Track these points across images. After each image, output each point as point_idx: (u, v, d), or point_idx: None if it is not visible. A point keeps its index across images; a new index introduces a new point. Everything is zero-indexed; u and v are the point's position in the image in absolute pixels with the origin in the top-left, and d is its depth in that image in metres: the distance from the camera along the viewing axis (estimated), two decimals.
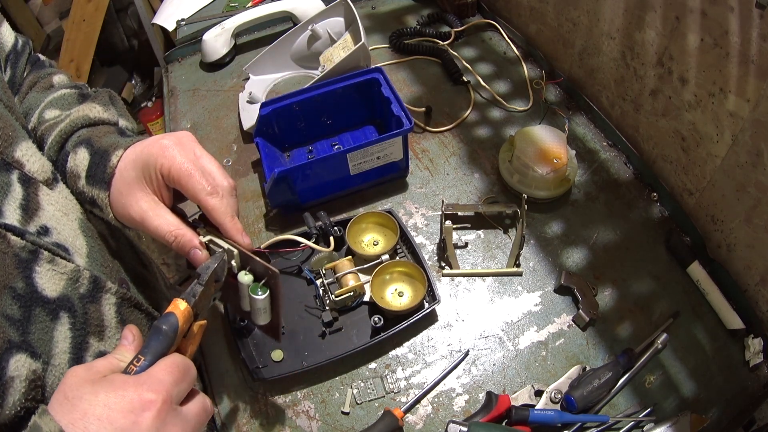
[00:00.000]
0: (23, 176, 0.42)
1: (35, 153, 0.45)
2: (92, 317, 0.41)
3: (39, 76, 0.60)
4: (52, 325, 0.37)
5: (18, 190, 0.41)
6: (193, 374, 0.39)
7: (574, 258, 0.77)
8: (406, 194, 0.86)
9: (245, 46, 1.18)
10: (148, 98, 2.55)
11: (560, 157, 0.79)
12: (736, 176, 0.66)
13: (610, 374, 0.62)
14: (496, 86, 1.02)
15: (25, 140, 0.44)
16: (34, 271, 0.38)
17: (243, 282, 0.49)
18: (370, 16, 1.23)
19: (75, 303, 0.40)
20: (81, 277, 0.42)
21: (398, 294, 0.71)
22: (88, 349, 0.40)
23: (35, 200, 0.42)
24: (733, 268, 0.71)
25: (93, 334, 0.41)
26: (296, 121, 0.89)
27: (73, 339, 0.39)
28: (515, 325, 0.71)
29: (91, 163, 0.49)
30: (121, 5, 2.35)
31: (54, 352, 0.37)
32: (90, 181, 0.49)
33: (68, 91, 0.58)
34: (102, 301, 0.43)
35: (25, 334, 0.35)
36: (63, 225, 0.44)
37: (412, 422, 0.63)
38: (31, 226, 0.40)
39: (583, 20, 0.89)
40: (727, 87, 0.64)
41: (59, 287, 0.39)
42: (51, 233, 0.42)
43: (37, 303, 0.37)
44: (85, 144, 0.51)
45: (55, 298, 0.39)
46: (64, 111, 0.55)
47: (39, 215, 0.42)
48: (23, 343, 0.34)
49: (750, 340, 0.66)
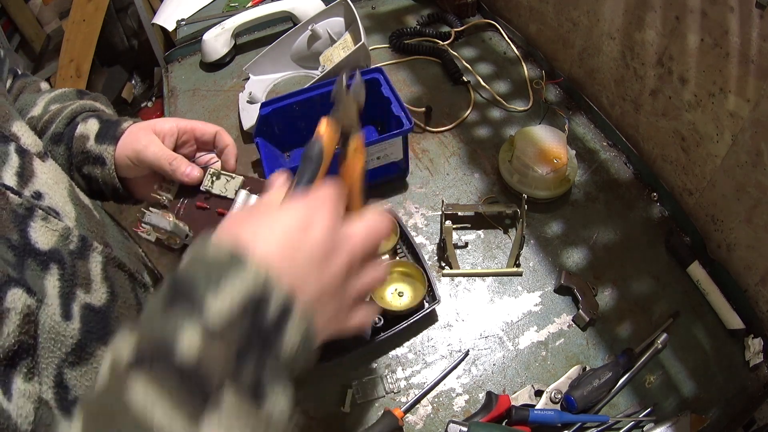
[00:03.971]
0: (19, 148, 0.45)
1: (28, 130, 0.49)
2: (80, 271, 0.44)
3: (26, 82, 0.65)
4: (43, 274, 0.40)
5: (15, 159, 0.44)
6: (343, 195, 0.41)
7: (574, 258, 0.77)
8: (406, 194, 0.86)
9: (245, 46, 1.18)
10: (148, 98, 2.55)
11: (560, 157, 0.79)
12: (736, 176, 0.66)
13: (610, 374, 0.62)
14: (496, 86, 1.02)
15: (18, 120, 0.48)
16: (28, 226, 0.40)
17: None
18: (370, 16, 1.23)
19: (65, 257, 0.43)
20: (71, 234, 0.44)
21: (398, 294, 0.71)
22: (75, 299, 0.42)
23: (30, 168, 0.45)
24: (733, 268, 0.71)
25: (80, 286, 0.43)
26: (296, 121, 0.88)
27: (62, 288, 0.41)
28: (515, 325, 0.71)
29: (102, 127, 0.57)
30: (121, 5, 2.35)
31: (46, 295, 0.39)
32: (99, 139, 0.56)
33: (67, 90, 0.63)
34: (89, 258, 0.46)
35: (22, 272, 0.37)
36: (54, 192, 0.47)
37: (412, 422, 0.63)
38: (26, 190, 0.43)
39: (583, 20, 0.89)
40: (727, 87, 0.64)
41: (51, 242, 0.42)
42: (44, 198, 0.45)
43: (29, 254, 0.39)
44: (95, 116, 0.59)
45: (47, 251, 0.41)
46: (68, 102, 0.61)
47: (33, 182, 0.45)
48: (21, 279, 0.36)
49: (750, 340, 0.66)
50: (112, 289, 0.47)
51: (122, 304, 0.47)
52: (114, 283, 0.47)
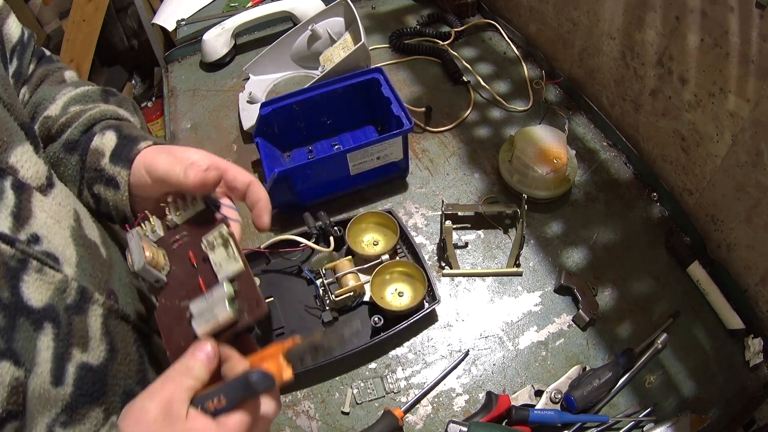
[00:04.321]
0: (16, 182, 0.41)
1: (31, 157, 0.44)
2: (77, 328, 0.41)
3: (49, 69, 0.59)
4: (36, 335, 0.37)
5: (10, 197, 0.40)
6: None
7: (574, 258, 0.77)
8: (406, 194, 0.86)
9: (245, 46, 1.18)
10: (148, 98, 2.55)
11: (560, 157, 0.79)
12: (736, 176, 0.66)
13: (610, 374, 0.62)
14: (496, 86, 1.02)
15: (21, 144, 0.43)
16: (21, 281, 0.37)
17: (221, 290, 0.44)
18: (370, 16, 1.23)
19: (60, 313, 0.39)
20: (68, 287, 0.41)
21: (398, 294, 0.71)
22: (70, 359, 0.39)
23: (27, 208, 0.41)
24: (733, 268, 0.71)
25: (76, 345, 0.40)
26: (296, 121, 0.89)
27: (56, 349, 0.38)
28: (515, 325, 0.71)
29: (118, 144, 0.51)
30: (121, 5, 2.34)
31: (37, 361, 0.37)
32: (114, 159, 0.50)
33: (91, 89, 0.58)
34: (88, 312, 0.42)
35: (10, 341, 0.34)
36: (54, 233, 0.43)
37: (412, 422, 0.63)
38: (21, 234, 0.39)
39: (583, 20, 0.89)
40: (727, 87, 0.64)
41: (45, 297, 0.39)
42: (41, 241, 0.41)
43: (21, 313, 0.36)
44: (114, 129, 0.53)
45: (41, 309, 0.38)
46: (89, 104, 0.55)
47: (30, 223, 0.41)
48: (8, 350, 0.34)
49: (750, 340, 0.66)
50: (111, 345, 0.44)
51: (122, 359, 0.45)
52: (114, 338, 0.45)
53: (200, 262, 0.46)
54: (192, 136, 1.01)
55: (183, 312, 0.44)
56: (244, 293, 0.43)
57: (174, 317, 0.45)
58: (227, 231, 0.46)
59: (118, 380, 0.44)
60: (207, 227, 0.47)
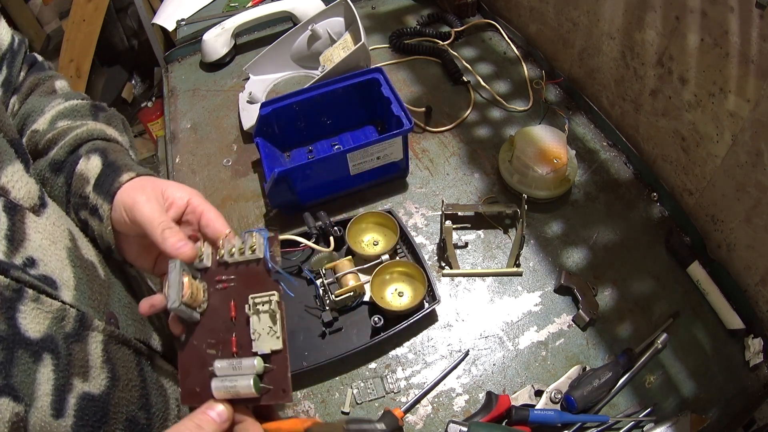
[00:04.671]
0: (8, 204, 0.40)
1: (22, 177, 0.42)
2: (77, 357, 0.40)
3: (40, 78, 0.58)
4: (35, 367, 0.36)
5: (3, 219, 0.38)
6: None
7: (574, 258, 0.77)
8: (406, 194, 0.86)
9: (245, 46, 1.18)
10: (148, 98, 2.55)
11: (560, 157, 0.79)
12: (736, 176, 0.66)
13: (610, 374, 0.62)
14: (496, 86, 1.02)
15: (11, 164, 0.42)
16: (17, 311, 0.36)
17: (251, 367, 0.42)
18: (370, 16, 1.23)
19: (59, 343, 0.38)
20: (67, 315, 0.40)
21: (398, 294, 0.71)
22: (71, 390, 0.38)
23: (21, 230, 0.40)
24: (733, 268, 0.71)
25: (77, 375, 0.39)
26: (296, 121, 0.89)
27: (56, 381, 0.37)
28: (515, 325, 0.71)
29: (102, 172, 0.49)
30: (121, 5, 2.35)
31: (37, 395, 0.36)
32: (97, 189, 0.49)
33: (80, 102, 0.56)
34: (88, 339, 0.41)
35: (8, 377, 0.34)
36: (50, 255, 0.42)
37: (412, 422, 0.63)
38: (17, 257, 0.38)
39: (583, 20, 0.89)
40: (727, 87, 0.64)
41: (43, 327, 0.38)
42: (37, 265, 0.40)
43: (19, 345, 0.35)
44: (99, 153, 0.51)
45: (39, 339, 0.37)
46: (77, 121, 0.54)
47: (25, 246, 0.39)
48: (6, 386, 0.33)
49: (750, 340, 0.66)
50: (113, 373, 0.43)
51: (124, 386, 0.44)
52: (115, 365, 0.44)
53: (239, 319, 0.43)
54: (192, 136, 1.01)
55: (206, 359, 0.42)
56: (273, 375, 0.42)
57: (196, 359, 0.43)
58: (277, 303, 0.43)
59: (120, 408, 0.43)
60: (258, 284, 0.44)
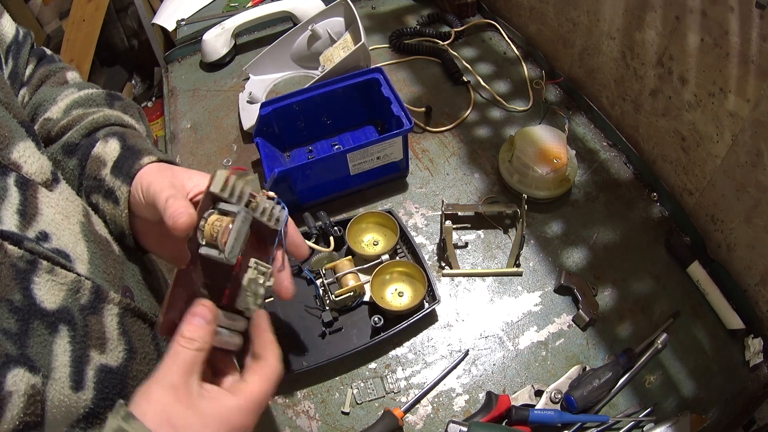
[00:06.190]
0: (20, 179, 0.39)
1: (33, 153, 0.42)
2: (93, 329, 0.39)
3: (51, 69, 0.57)
4: (51, 339, 0.35)
5: (15, 194, 0.38)
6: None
7: (574, 258, 0.77)
8: (406, 194, 0.86)
9: (245, 46, 1.18)
10: (148, 98, 2.55)
11: (560, 157, 0.79)
12: (736, 176, 0.66)
13: (610, 374, 0.62)
14: (496, 86, 1.02)
15: (22, 140, 0.41)
16: (32, 282, 0.35)
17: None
18: (370, 16, 1.23)
19: (75, 315, 0.38)
20: (82, 287, 0.39)
21: (398, 294, 0.71)
22: (89, 362, 0.38)
23: (33, 204, 0.39)
24: (733, 268, 0.71)
25: (94, 347, 0.39)
26: (296, 121, 0.89)
27: (73, 352, 0.37)
28: (515, 325, 0.71)
29: (121, 155, 0.48)
30: (121, 5, 2.35)
31: (53, 366, 0.35)
32: (115, 171, 0.48)
33: (95, 91, 0.56)
34: (104, 312, 0.41)
35: (24, 347, 0.33)
36: (63, 230, 0.41)
37: (412, 422, 0.63)
38: (29, 231, 0.38)
39: (583, 20, 0.89)
40: (727, 87, 0.64)
41: (59, 299, 0.37)
42: (51, 239, 0.39)
43: (35, 316, 0.35)
44: (118, 137, 0.50)
45: (55, 311, 0.36)
46: (92, 108, 0.53)
47: (38, 220, 0.39)
48: (21, 356, 0.32)
49: (750, 340, 0.66)
50: (130, 345, 0.43)
51: (141, 359, 0.44)
52: (132, 338, 0.44)
53: (240, 273, 0.45)
54: (192, 136, 1.01)
55: (193, 296, 0.43)
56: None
57: (187, 296, 0.43)
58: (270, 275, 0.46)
59: (138, 381, 0.42)
60: (264, 252, 0.46)
